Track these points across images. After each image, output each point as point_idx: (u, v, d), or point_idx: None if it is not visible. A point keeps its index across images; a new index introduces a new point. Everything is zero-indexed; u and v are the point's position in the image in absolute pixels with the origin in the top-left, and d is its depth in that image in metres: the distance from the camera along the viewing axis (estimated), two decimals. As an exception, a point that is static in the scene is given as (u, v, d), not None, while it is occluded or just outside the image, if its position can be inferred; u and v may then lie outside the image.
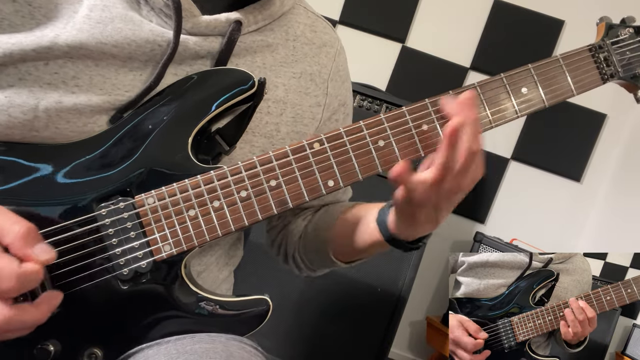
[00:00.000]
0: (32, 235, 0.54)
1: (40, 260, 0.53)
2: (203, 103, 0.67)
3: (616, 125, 2.25)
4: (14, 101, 0.61)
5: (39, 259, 0.53)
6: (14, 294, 0.52)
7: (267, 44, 0.76)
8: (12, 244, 0.52)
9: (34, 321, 0.55)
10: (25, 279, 0.52)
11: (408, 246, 0.71)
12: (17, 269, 0.51)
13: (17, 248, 0.52)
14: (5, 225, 0.53)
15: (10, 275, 0.51)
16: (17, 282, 0.51)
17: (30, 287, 0.53)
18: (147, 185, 0.64)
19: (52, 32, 0.62)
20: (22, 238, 0.53)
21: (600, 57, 0.72)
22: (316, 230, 0.84)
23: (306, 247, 0.86)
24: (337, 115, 0.86)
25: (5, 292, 0.51)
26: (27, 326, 0.54)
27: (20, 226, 0.53)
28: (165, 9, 0.67)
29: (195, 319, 0.66)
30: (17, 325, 0.53)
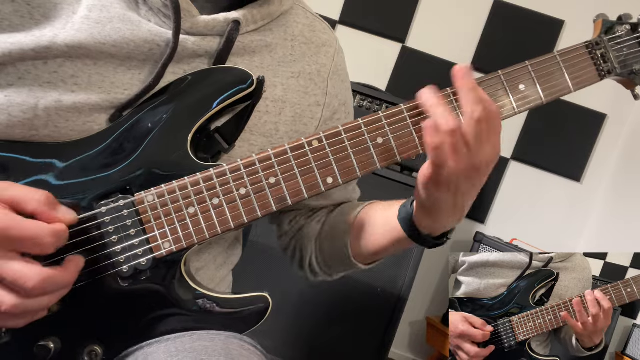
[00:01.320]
0: (52, 200, 0.56)
1: (67, 220, 0.57)
2: (202, 101, 0.67)
3: (616, 125, 2.25)
4: (14, 100, 0.61)
5: (66, 219, 0.56)
6: (51, 250, 0.54)
7: (266, 44, 0.76)
8: (37, 209, 0.54)
9: (64, 282, 0.56)
10: (59, 236, 0.55)
11: (432, 241, 0.71)
12: (51, 227, 0.54)
13: (44, 212, 0.55)
14: (27, 194, 0.55)
15: (47, 232, 0.53)
16: (53, 238, 0.54)
17: (62, 244, 0.56)
18: (147, 183, 0.64)
19: (51, 32, 0.62)
20: (46, 203, 0.55)
21: (598, 54, 0.73)
22: (333, 231, 0.83)
23: (323, 251, 0.84)
24: (338, 115, 0.86)
25: (45, 248, 0.53)
26: (58, 287, 0.56)
27: (41, 193, 0.55)
28: (164, 9, 0.67)
29: (195, 316, 0.67)
30: (51, 286, 0.55)
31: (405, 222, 0.71)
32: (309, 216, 0.88)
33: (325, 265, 0.85)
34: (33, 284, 0.52)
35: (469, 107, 0.61)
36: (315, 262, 0.86)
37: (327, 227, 0.85)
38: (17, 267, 0.52)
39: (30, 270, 0.52)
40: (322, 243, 0.84)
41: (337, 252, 0.81)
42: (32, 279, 0.52)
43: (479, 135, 0.61)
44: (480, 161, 0.62)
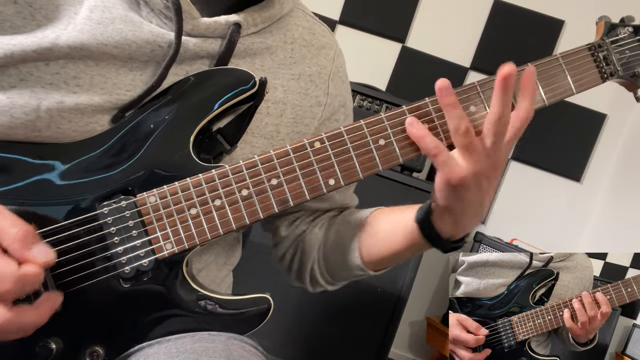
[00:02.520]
0: (30, 237, 0.53)
1: (39, 262, 0.52)
2: (204, 102, 0.67)
3: (616, 125, 2.25)
4: (16, 102, 0.61)
5: (37, 261, 0.52)
6: (12, 297, 0.51)
7: (266, 46, 0.76)
8: (10, 246, 0.52)
9: (33, 323, 0.54)
10: (25, 281, 0.51)
11: (451, 244, 0.70)
12: (15, 271, 0.50)
13: (15, 250, 0.52)
14: (4, 227, 0.52)
15: (8, 277, 0.50)
16: (14, 285, 0.50)
17: (30, 289, 0.53)
18: (149, 184, 0.64)
19: (53, 33, 0.62)
20: (20, 240, 0.52)
21: (600, 56, 0.73)
22: (339, 239, 0.81)
23: (327, 258, 0.83)
24: (336, 116, 0.86)
25: (4, 295, 0.51)
26: (26, 328, 0.54)
27: (18, 228, 0.52)
28: (165, 10, 0.67)
29: (196, 317, 0.67)
30: (16, 328, 0.53)
31: (423, 225, 0.69)
32: (311, 221, 0.87)
33: (329, 273, 0.83)
34: None
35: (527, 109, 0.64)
36: (318, 270, 0.84)
37: (332, 234, 0.83)
38: None
39: None
40: (326, 250, 0.83)
41: (344, 259, 0.80)
42: None
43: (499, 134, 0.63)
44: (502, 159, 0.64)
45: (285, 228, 0.87)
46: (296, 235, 0.87)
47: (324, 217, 0.87)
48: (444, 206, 0.66)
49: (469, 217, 0.67)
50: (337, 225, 0.84)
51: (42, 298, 0.56)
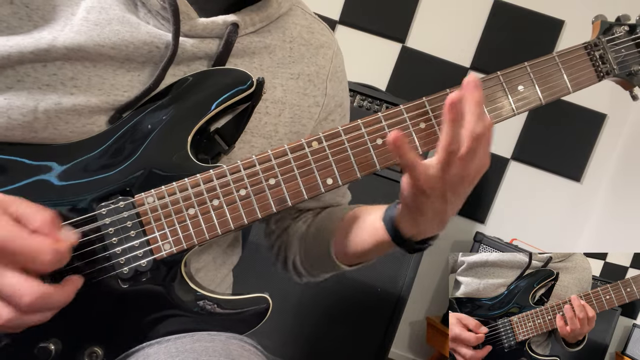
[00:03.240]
0: (57, 221, 0.56)
1: (69, 241, 0.56)
2: (202, 103, 0.67)
3: (616, 125, 2.25)
4: (13, 103, 0.61)
5: (69, 239, 0.56)
6: (50, 269, 0.53)
7: (265, 46, 0.76)
8: (41, 228, 0.54)
9: (61, 301, 0.56)
10: (60, 255, 0.54)
11: (414, 246, 0.70)
12: (54, 245, 0.53)
13: (44, 232, 0.54)
14: (32, 212, 0.54)
15: (48, 249, 0.52)
16: (54, 256, 0.53)
17: (62, 264, 0.55)
18: (147, 185, 0.64)
19: (50, 35, 0.62)
20: (49, 222, 0.54)
21: (596, 55, 0.73)
22: (318, 232, 0.83)
23: (307, 251, 0.84)
24: (333, 116, 0.86)
25: (44, 266, 0.53)
26: (55, 305, 0.55)
27: (47, 212, 0.55)
28: (162, 11, 0.67)
29: (195, 317, 0.67)
30: (46, 304, 0.54)
31: (389, 225, 0.70)
32: (295, 217, 0.88)
33: (309, 265, 0.85)
34: (28, 300, 0.51)
35: (472, 122, 0.59)
36: (299, 262, 0.85)
37: (313, 228, 0.84)
38: (14, 281, 0.51)
39: (27, 286, 0.51)
40: (306, 243, 0.84)
41: (320, 252, 0.81)
42: (27, 295, 0.51)
43: (474, 148, 0.60)
44: (469, 173, 0.61)
45: (274, 221, 0.89)
46: (282, 228, 0.89)
47: (308, 213, 0.89)
48: (407, 207, 0.66)
49: (430, 223, 0.66)
50: (319, 220, 0.85)
51: (67, 279, 0.57)
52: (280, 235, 0.89)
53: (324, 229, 0.82)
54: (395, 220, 0.69)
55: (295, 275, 0.89)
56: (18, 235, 0.51)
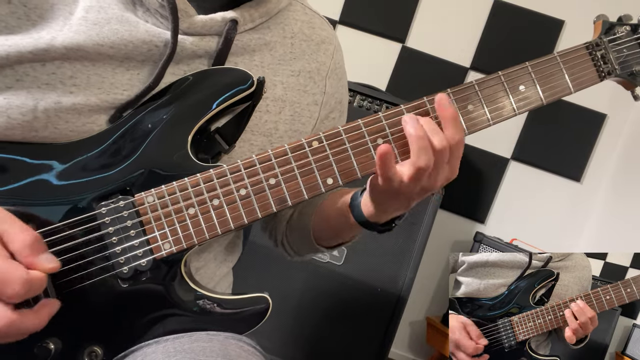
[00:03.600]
0: (38, 244, 0.54)
1: (46, 268, 0.54)
2: (202, 102, 0.67)
3: (616, 125, 2.25)
4: (13, 103, 0.61)
5: (44, 267, 0.54)
6: (18, 300, 0.52)
7: (265, 42, 0.76)
8: (19, 251, 0.53)
9: (33, 327, 0.55)
10: (31, 285, 0.52)
11: (380, 228, 0.73)
12: (24, 275, 0.52)
13: (24, 255, 0.53)
14: (14, 233, 0.53)
15: (18, 280, 0.51)
16: (22, 288, 0.51)
17: (34, 293, 0.54)
18: (147, 184, 0.64)
19: (49, 34, 0.62)
20: (29, 246, 0.53)
21: (598, 55, 0.72)
22: (300, 216, 0.86)
23: (292, 233, 0.88)
24: (333, 114, 0.86)
25: (10, 297, 0.52)
26: (25, 332, 0.55)
27: (28, 234, 0.54)
28: (161, 9, 0.67)
29: (195, 317, 0.67)
30: (17, 331, 0.53)
31: (356, 210, 0.72)
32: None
33: (295, 245, 0.88)
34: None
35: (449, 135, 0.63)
36: (286, 242, 0.89)
37: (297, 212, 0.88)
38: None
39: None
40: (291, 226, 0.88)
41: (302, 235, 0.84)
42: None
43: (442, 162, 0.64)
44: (436, 185, 0.65)
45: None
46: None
47: None
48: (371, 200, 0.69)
49: (392, 213, 0.70)
50: (301, 205, 0.87)
51: (41, 303, 0.56)
52: (272, 218, 0.92)
53: (304, 213, 0.85)
54: (362, 207, 0.71)
55: (285, 253, 0.92)
56: None
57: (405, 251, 1.77)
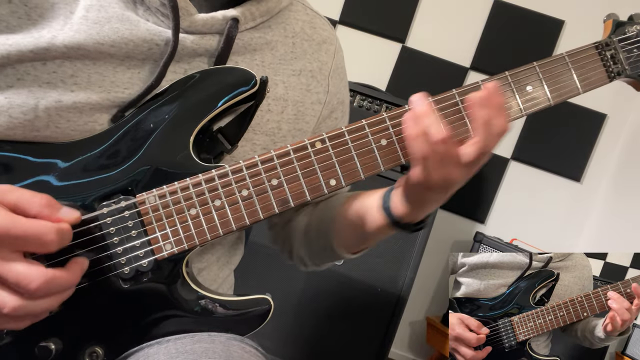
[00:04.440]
0: (54, 202, 0.56)
1: (70, 219, 0.56)
2: (204, 102, 0.67)
3: (616, 125, 2.25)
4: (14, 102, 0.61)
5: (69, 219, 0.56)
6: (55, 248, 0.53)
7: (266, 41, 0.76)
8: (40, 212, 0.54)
9: (68, 282, 0.56)
10: (63, 235, 0.54)
11: (414, 228, 0.71)
12: (55, 225, 0.53)
13: (45, 215, 0.54)
14: (29, 198, 0.54)
15: (51, 231, 0.52)
16: (57, 235, 0.53)
17: (66, 243, 0.55)
18: (149, 184, 0.64)
19: (50, 33, 0.62)
20: (47, 206, 0.54)
21: (607, 55, 0.71)
22: (319, 224, 0.83)
23: (310, 243, 0.85)
24: (335, 114, 0.86)
25: (48, 245, 0.53)
26: (61, 288, 0.55)
27: (41, 197, 0.55)
28: (162, 8, 0.67)
29: (196, 318, 0.66)
30: (54, 288, 0.54)
31: (387, 211, 0.70)
32: (296, 209, 0.88)
33: (313, 255, 0.86)
34: (36, 285, 0.51)
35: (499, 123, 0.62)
36: (304, 252, 0.86)
37: (314, 218, 0.85)
38: (20, 268, 0.51)
39: (33, 271, 0.52)
40: (309, 234, 0.85)
41: (322, 242, 0.81)
42: (35, 280, 0.51)
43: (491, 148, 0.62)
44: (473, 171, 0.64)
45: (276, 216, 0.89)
46: (285, 221, 0.89)
47: (309, 205, 0.89)
48: (407, 198, 0.67)
49: (429, 210, 0.68)
50: (318, 211, 0.85)
51: (72, 261, 0.58)
52: (283, 227, 0.90)
53: (324, 220, 0.82)
54: (393, 207, 0.69)
55: (300, 265, 0.90)
56: (18, 221, 0.51)
57: (405, 251, 1.77)
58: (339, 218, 0.79)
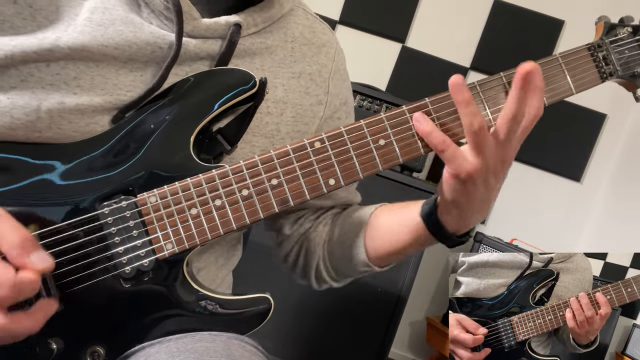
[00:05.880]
0: (29, 244, 0.53)
1: (37, 269, 0.52)
2: (205, 103, 0.67)
3: (616, 125, 2.26)
4: (17, 102, 0.61)
5: (35, 268, 0.52)
6: (8, 303, 0.51)
7: (266, 46, 0.76)
8: (8, 252, 0.51)
9: (26, 330, 0.54)
10: (21, 288, 0.51)
11: (456, 239, 0.70)
12: (12, 277, 0.50)
13: (13, 256, 0.51)
14: (4, 233, 0.52)
15: (6, 283, 0.50)
16: (12, 291, 0.50)
17: (26, 295, 0.52)
18: (150, 184, 0.64)
19: (54, 35, 0.62)
20: (18, 246, 0.52)
21: (599, 56, 0.72)
22: (344, 235, 0.81)
23: (333, 255, 0.83)
24: (338, 114, 0.86)
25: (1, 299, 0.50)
26: (19, 336, 0.54)
27: (18, 234, 0.52)
28: (166, 11, 0.68)
29: (197, 317, 0.67)
30: (9, 334, 0.53)
31: (429, 220, 0.70)
32: (315, 219, 0.87)
33: (334, 269, 0.84)
34: None
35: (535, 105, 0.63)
36: (323, 266, 0.84)
37: (338, 230, 0.83)
38: None
39: None
40: (332, 247, 0.83)
41: (349, 255, 0.80)
42: None
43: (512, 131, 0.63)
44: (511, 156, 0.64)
45: (289, 226, 0.87)
46: (300, 233, 0.87)
47: (327, 214, 0.87)
48: (450, 200, 0.66)
49: (474, 212, 0.67)
50: (341, 222, 0.84)
51: (37, 306, 0.55)
52: (298, 241, 0.87)
53: (350, 231, 0.80)
54: (437, 216, 0.69)
55: (315, 282, 0.88)
56: None
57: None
58: (371, 229, 0.78)
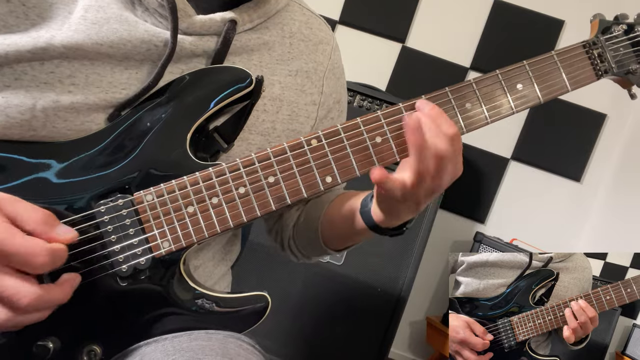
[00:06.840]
0: (52, 219, 0.55)
1: (65, 239, 0.55)
2: (201, 101, 0.67)
3: (616, 125, 2.25)
4: (11, 101, 0.61)
5: (63, 239, 0.55)
6: (47, 269, 0.53)
7: (263, 42, 0.76)
8: (35, 229, 0.54)
9: (58, 300, 0.56)
10: (55, 255, 0.53)
11: (392, 233, 0.72)
12: (48, 246, 0.53)
13: (40, 232, 0.54)
14: (25, 213, 0.54)
15: (43, 251, 0.52)
16: (49, 257, 0.52)
17: (59, 263, 0.55)
18: (146, 183, 0.64)
19: (48, 33, 0.62)
20: (44, 222, 0.54)
21: (594, 54, 0.73)
22: (307, 219, 0.86)
23: (299, 236, 0.87)
24: (332, 114, 0.86)
25: (38, 267, 0.52)
26: (52, 304, 0.56)
27: (40, 213, 0.54)
28: (160, 9, 0.67)
29: (194, 315, 0.67)
30: (45, 304, 0.54)
31: (366, 216, 0.72)
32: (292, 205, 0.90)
33: (302, 248, 0.88)
34: (27, 301, 0.52)
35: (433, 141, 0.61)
36: (294, 245, 0.89)
37: (304, 214, 0.87)
38: (11, 283, 0.51)
39: (25, 288, 0.52)
40: (298, 229, 0.87)
41: (310, 238, 0.84)
42: (26, 297, 0.51)
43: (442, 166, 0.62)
44: (442, 184, 0.63)
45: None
46: (278, 215, 0.92)
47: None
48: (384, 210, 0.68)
49: (403, 217, 0.69)
50: (308, 208, 0.88)
51: (63, 277, 0.57)
52: (277, 221, 0.92)
53: (312, 217, 0.84)
54: (372, 213, 0.71)
55: (291, 256, 0.92)
56: (11, 238, 0.51)
57: (405, 251, 1.77)
58: (325, 216, 0.81)
